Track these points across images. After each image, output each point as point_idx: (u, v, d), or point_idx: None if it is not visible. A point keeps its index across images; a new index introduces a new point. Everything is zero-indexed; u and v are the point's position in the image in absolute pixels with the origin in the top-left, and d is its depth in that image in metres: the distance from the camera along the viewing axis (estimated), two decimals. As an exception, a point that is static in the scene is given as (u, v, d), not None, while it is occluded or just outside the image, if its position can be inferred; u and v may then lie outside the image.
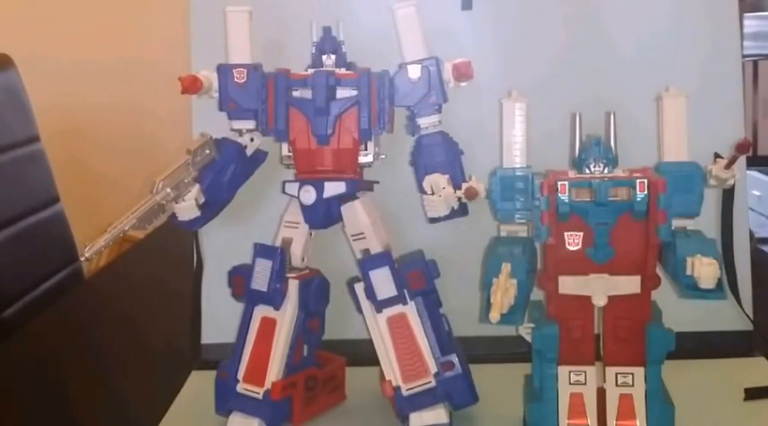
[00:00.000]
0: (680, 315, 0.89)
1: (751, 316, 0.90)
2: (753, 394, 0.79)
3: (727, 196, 0.89)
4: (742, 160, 0.89)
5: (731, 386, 0.80)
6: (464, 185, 0.73)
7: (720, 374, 0.84)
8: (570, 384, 0.69)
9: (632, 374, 0.69)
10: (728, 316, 0.90)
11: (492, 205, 0.74)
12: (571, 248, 0.68)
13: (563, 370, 0.70)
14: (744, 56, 0.94)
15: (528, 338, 0.71)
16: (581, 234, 0.68)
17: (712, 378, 0.83)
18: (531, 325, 0.71)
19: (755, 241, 1.45)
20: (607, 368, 0.70)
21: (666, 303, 0.77)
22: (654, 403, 0.69)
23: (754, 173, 2.50)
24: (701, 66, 0.90)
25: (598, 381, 0.70)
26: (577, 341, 0.69)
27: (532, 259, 0.72)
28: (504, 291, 0.65)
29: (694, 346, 0.89)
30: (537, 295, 0.73)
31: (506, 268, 0.67)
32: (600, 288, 0.69)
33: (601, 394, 0.70)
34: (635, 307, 0.69)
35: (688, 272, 0.67)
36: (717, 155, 0.77)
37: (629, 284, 0.69)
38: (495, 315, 0.63)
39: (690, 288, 0.67)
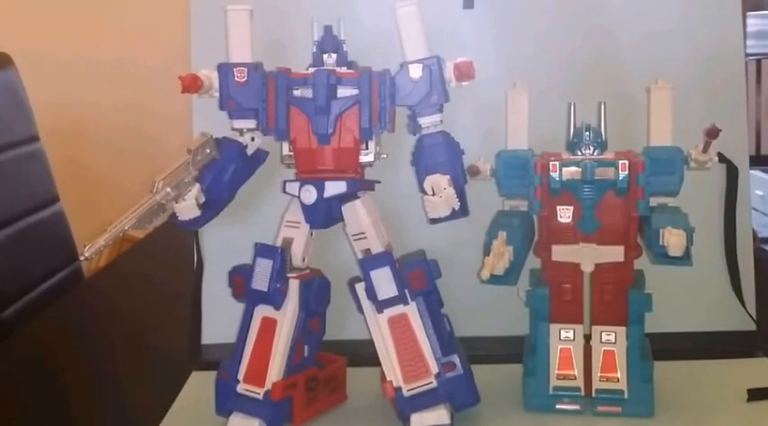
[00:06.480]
0: (683, 315, 0.89)
1: (754, 317, 0.90)
2: (756, 394, 0.78)
3: (730, 196, 0.89)
4: (744, 159, 0.89)
5: (734, 386, 0.79)
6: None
7: (723, 375, 0.83)
8: (560, 340, 0.78)
9: (615, 332, 0.77)
10: (732, 317, 0.90)
11: (497, 182, 0.80)
12: (563, 220, 0.77)
13: (554, 328, 0.78)
14: (747, 55, 0.94)
15: (525, 299, 0.79)
16: (571, 208, 0.76)
17: (715, 379, 0.83)
18: (529, 289, 0.79)
19: (758, 241, 1.45)
20: (593, 327, 0.78)
21: (670, 304, 0.77)
22: (634, 359, 0.76)
23: (757, 173, 2.48)
24: (704, 65, 0.90)
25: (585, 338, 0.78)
26: (568, 303, 0.78)
27: (529, 229, 0.79)
28: (499, 255, 0.72)
29: (697, 346, 0.89)
30: (537, 263, 0.79)
31: (501, 235, 0.74)
32: (588, 257, 0.76)
33: (587, 349, 0.78)
34: (619, 274, 0.76)
35: (660, 242, 0.73)
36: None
37: (614, 253, 0.76)
38: (485, 274, 0.70)
39: (661, 256, 0.74)
